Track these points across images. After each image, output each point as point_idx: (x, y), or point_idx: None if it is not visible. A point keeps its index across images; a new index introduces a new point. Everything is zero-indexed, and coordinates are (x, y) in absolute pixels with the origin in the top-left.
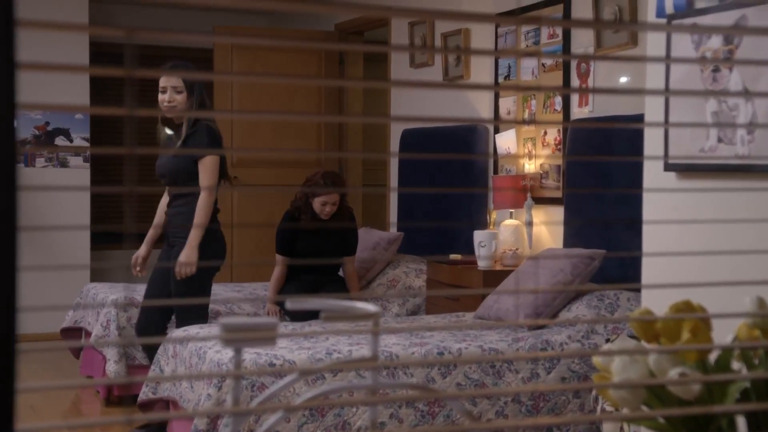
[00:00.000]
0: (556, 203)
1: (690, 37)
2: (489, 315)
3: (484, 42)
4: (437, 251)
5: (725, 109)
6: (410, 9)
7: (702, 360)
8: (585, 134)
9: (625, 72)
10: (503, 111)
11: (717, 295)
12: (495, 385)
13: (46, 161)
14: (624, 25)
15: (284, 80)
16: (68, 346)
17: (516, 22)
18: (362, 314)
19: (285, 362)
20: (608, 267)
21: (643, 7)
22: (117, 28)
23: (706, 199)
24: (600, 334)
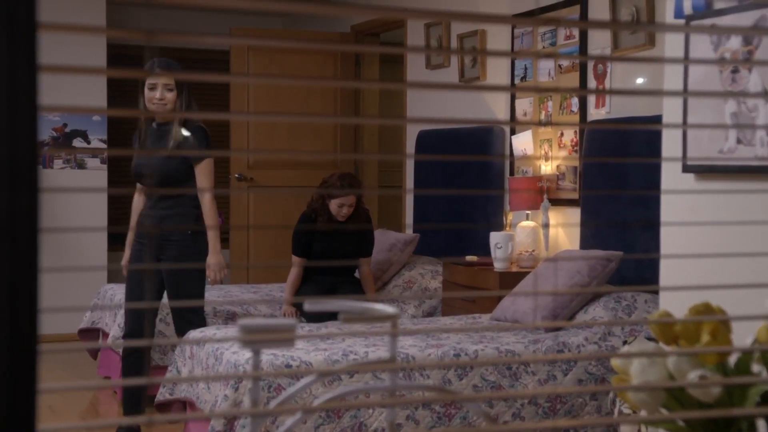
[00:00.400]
0: (572, 205)
1: (709, 37)
2: (505, 317)
3: (501, 43)
4: (453, 253)
5: (744, 110)
6: (426, 11)
7: (722, 362)
8: (602, 135)
9: (643, 73)
10: (519, 112)
11: (736, 297)
12: (512, 387)
13: (63, 163)
14: (642, 26)
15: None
16: (87, 347)
17: (532, 23)
18: (381, 316)
19: (302, 363)
20: (625, 268)
21: (661, 8)
22: (137, 31)
23: (724, 200)
24: (617, 336)
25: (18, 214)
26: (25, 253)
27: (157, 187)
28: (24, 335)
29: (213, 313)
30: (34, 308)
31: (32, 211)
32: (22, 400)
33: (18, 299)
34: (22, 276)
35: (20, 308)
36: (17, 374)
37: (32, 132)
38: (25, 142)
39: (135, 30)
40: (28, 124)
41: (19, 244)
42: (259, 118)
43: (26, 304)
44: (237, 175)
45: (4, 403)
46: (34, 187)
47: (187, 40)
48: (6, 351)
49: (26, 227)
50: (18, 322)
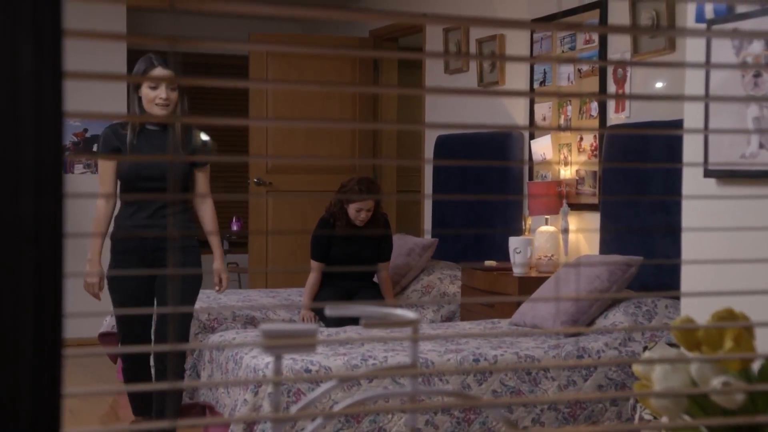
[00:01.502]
0: (592, 209)
1: (731, 41)
2: (525, 322)
3: (520, 47)
4: (472, 257)
5: (767, 114)
6: (445, 16)
7: (745, 369)
8: (622, 140)
9: (663, 77)
10: (539, 117)
11: (759, 302)
12: (531, 393)
13: (84, 168)
14: (662, 31)
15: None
16: (110, 352)
17: (552, 28)
18: (402, 321)
19: (321, 368)
20: (645, 274)
21: (681, 12)
22: (161, 38)
23: (747, 205)
24: (637, 342)
25: (43, 219)
26: (49, 259)
27: (160, 193)
28: (49, 340)
29: (232, 317)
30: (59, 313)
31: (57, 217)
32: (46, 404)
33: (43, 304)
34: (47, 281)
35: (45, 313)
36: (42, 379)
37: (57, 138)
38: (49, 148)
39: (158, 37)
40: (53, 130)
41: (44, 249)
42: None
43: (51, 309)
44: (256, 179)
45: (29, 408)
46: (59, 192)
47: (208, 45)
48: (31, 356)
49: (51, 232)
50: (43, 327)
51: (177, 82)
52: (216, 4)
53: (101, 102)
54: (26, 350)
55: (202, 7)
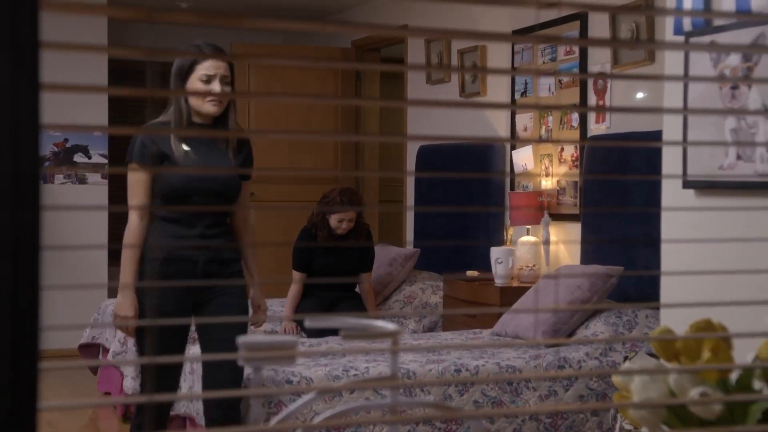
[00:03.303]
0: (573, 220)
1: (708, 54)
2: (506, 332)
3: (501, 58)
4: (454, 267)
5: (744, 126)
6: (427, 29)
7: (723, 379)
8: (602, 150)
9: (643, 88)
10: (520, 127)
11: (737, 313)
12: (513, 403)
13: (64, 178)
14: (642, 44)
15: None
16: (88, 364)
17: (533, 40)
18: (382, 333)
19: (302, 379)
20: (626, 284)
21: (661, 24)
22: (138, 49)
23: (725, 216)
24: (618, 352)
25: (20, 231)
26: (27, 271)
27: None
28: (26, 353)
29: None
30: (36, 326)
31: (34, 229)
32: (22, 417)
33: (20, 317)
34: (24, 294)
35: (22, 326)
36: (18, 392)
37: (34, 150)
38: (26, 160)
39: (136, 48)
40: (30, 142)
41: (21, 262)
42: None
43: (28, 323)
44: None
45: (5, 421)
46: (36, 205)
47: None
48: (7, 368)
49: (28, 245)
50: (20, 340)
51: (152, 95)
52: (194, 17)
53: (84, 112)
54: (3, 363)
55: (180, 18)
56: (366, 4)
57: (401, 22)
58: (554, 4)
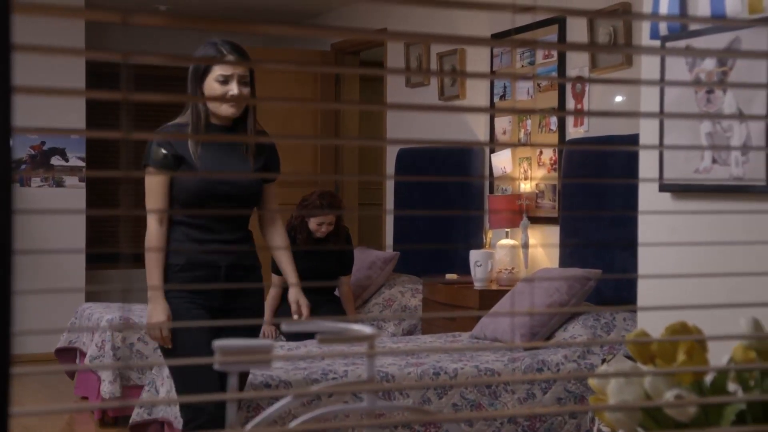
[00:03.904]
0: (551, 223)
1: (684, 58)
2: (485, 335)
3: (480, 61)
4: (433, 270)
5: (719, 130)
6: (405, 33)
7: (698, 381)
8: (581, 153)
9: (621, 91)
10: (499, 130)
11: (713, 316)
12: (491, 406)
13: (41, 181)
14: (619, 49)
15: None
16: (63, 369)
17: (511, 45)
18: (358, 336)
19: (281, 383)
20: (604, 286)
21: (638, 28)
22: (113, 52)
23: (702, 219)
24: (596, 354)
25: None
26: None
27: (229, 211)
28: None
29: None
30: (7, 332)
31: (6, 234)
32: None
33: None
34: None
35: None
36: None
37: (5, 153)
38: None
39: (110, 51)
40: (1, 146)
41: None
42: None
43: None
44: None
45: None
46: (8, 209)
47: (162, 59)
48: None
49: (0, 249)
50: None
51: (127, 98)
52: (170, 20)
53: (61, 115)
54: None
55: (155, 22)
56: (345, 7)
57: (381, 25)
58: (530, 8)
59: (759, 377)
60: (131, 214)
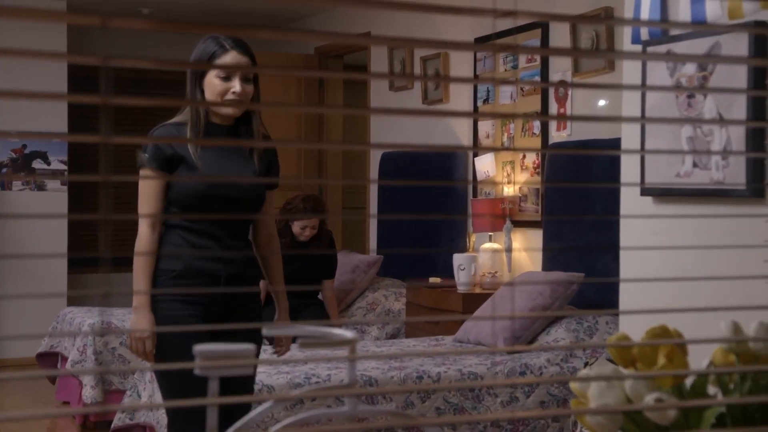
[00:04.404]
0: (535, 226)
1: (665, 63)
2: (468, 338)
3: (463, 65)
4: (417, 274)
5: (700, 134)
6: (389, 37)
7: (678, 385)
8: (564, 157)
9: (604, 95)
10: (482, 134)
11: (694, 319)
12: (474, 409)
13: (23, 184)
14: (601, 53)
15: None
16: (44, 374)
17: (494, 49)
18: (339, 341)
19: (263, 387)
20: (587, 290)
21: (620, 32)
22: (92, 56)
23: (683, 223)
24: (579, 357)
25: None
26: None
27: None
28: None
29: None
30: None
31: None
32: None
33: None
34: None
35: None
36: None
37: None
38: None
39: (90, 55)
40: None
41: None
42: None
43: None
44: None
45: None
46: None
47: (142, 64)
48: None
49: None
50: None
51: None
52: (151, 24)
53: (43, 118)
54: None
55: (136, 25)
56: (329, 11)
57: (364, 29)
58: (511, 13)
59: (738, 380)
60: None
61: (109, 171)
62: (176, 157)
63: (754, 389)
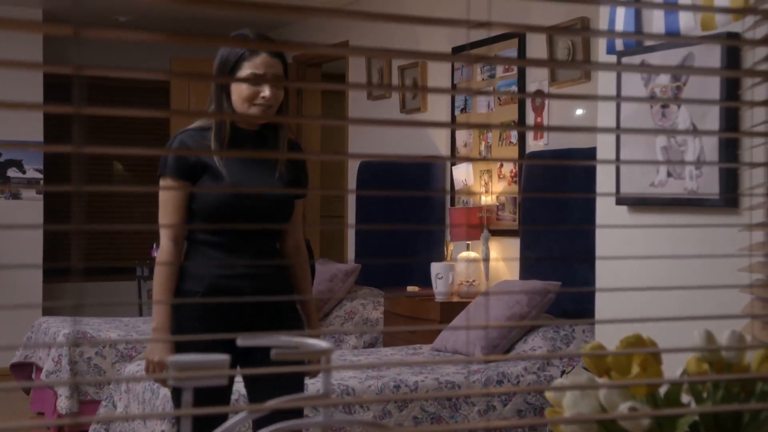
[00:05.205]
0: (512, 235)
1: (640, 73)
2: (446, 347)
3: (441, 74)
4: (395, 282)
5: (674, 144)
6: (367, 48)
7: (652, 394)
8: (541, 166)
9: (580, 104)
10: (460, 143)
11: (668, 327)
12: (451, 418)
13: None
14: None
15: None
16: (18, 387)
17: (471, 60)
18: (314, 351)
19: (240, 397)
20: (564, 298)
21: (596, 42)
22: (65, 66)
23: (657, 231)
24: (556, 366)
25: None
26: None
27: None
28: None
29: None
30: None
31: None
32: None
33: None
34: None
35: None
36: None
37: None
38: None
39: (62, 65)
40: None
41: None
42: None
43: None
44: None
45: None
46: None
47: (116, 72)
48: None
49: None
50: None
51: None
52: (125, 33)
53: (18, 126)
54: None
55: (109, 35)
56: (306, 20)
57: (342, 38)
58: (485, 24)
59: (711, 389)
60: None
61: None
62: (200, 165)
63: (726, 398)
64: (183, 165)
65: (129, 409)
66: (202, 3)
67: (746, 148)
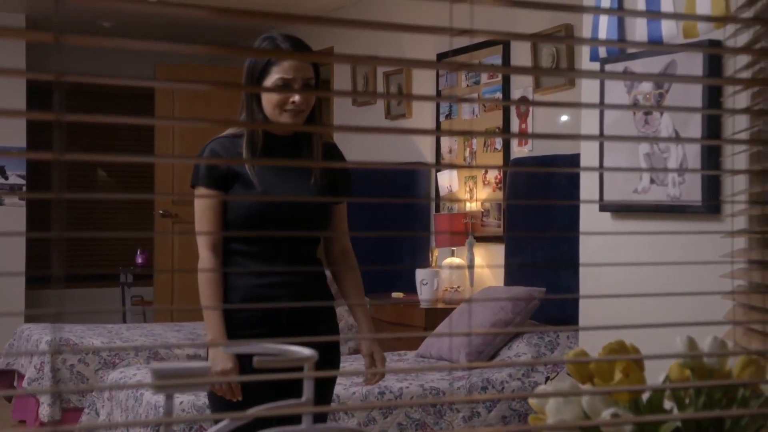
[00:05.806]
0: (497, 241)
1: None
2: (431, 353)
3: (426, 80)
4: (380, 288)
5: (657, 151)
6: (352, 55)
7: (634, 400)
8: (525, 172)
9: (565, 111)
10: (445, 149)
11: (651, 334)
12: (436, 425)
13: None
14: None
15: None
16: (2, 394)
17: (456, 68)
18: (297, 358)
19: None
20: (548, 304)
21: (580, 49)
22: (46, 73)
23: (641, 238)
24: (540, 372)
25: None
26: None
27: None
28: None
29: (135, 352)
30: None
31: None
32: None
33: None
34: None
35: None
36: None
37: None
38: None
39: (44, 71)
40: None
41: None
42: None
43: None
44: (161, 211)
45: None
46: None
47: (99, 80)
48: None
49: None
50: None
51: (60, 119)
52: (106, 40)
53: (1, 133)
54: None
55: (90, 42)
56: (291, 26)
57: (328, 44)
58: (467, 31)
59: (693, 395)
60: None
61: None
62: (231, 173)
63: (708, 404)
64: (214, 174)
65: (112, 416)
66: (187, 8)
67: (728, 155)
